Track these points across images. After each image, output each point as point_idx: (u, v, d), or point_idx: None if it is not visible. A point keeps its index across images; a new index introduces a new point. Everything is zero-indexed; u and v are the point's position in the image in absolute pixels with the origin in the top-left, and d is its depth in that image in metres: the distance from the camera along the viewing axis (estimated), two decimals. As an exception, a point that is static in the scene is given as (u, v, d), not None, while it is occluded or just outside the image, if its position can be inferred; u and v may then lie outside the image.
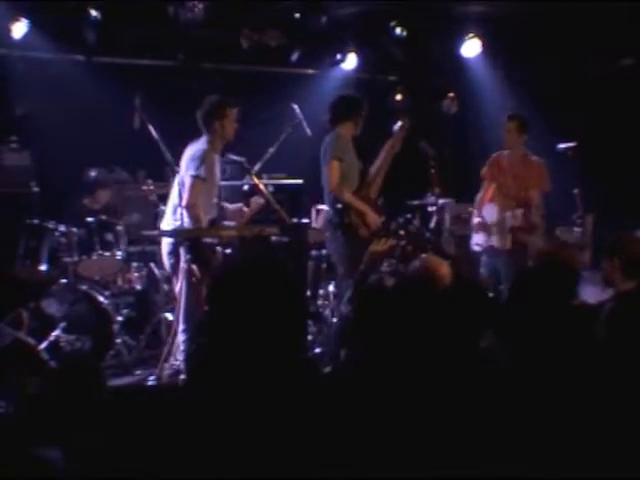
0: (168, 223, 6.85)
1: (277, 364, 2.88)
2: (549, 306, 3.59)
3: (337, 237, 7.25)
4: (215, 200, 7.03)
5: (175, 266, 6.72)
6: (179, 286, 6.66)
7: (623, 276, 4.79)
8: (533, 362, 3.34)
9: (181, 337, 6.67)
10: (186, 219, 6.61)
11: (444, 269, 4.76)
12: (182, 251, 6.55)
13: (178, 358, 6.78)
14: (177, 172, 6.98)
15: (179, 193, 6.66)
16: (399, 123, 7.52)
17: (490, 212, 7.99)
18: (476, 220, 8.06)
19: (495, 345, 3.62)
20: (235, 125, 6.94)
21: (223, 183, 7.71)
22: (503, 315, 3.76)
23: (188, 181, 6.66)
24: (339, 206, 7.20)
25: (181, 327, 6.68)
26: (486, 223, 7.97)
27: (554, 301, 3.62)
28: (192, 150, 6.82)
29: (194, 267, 6.53)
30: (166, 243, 6.82)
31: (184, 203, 6.61)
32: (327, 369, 3.69)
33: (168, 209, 6.92)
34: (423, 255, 5.55)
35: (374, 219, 7.26)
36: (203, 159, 6.69)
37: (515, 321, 3.62)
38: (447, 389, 3.11)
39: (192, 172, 6.67)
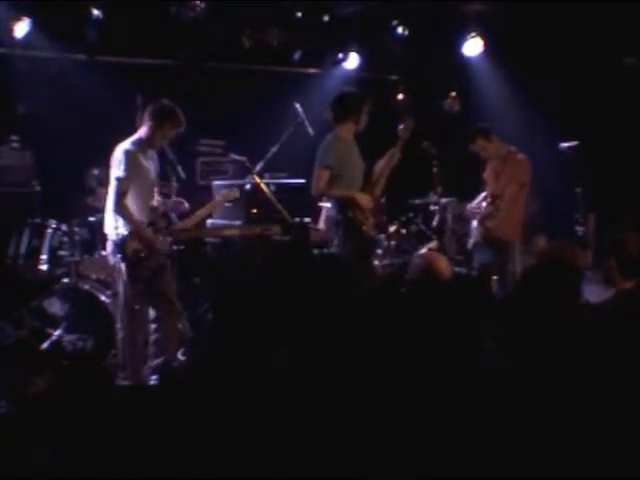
0: (107, 226, 6.76)
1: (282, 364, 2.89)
2: (551, 305, 3.58)
3: (340, 235, 7.22)
4: (153, 200, 6.90)
5: (115, 265, 6.72)
6: (118, 286, 6.70)
7: (621, 275, 4.79)
8: (535, 361, 3.33)
9: (119, 334, 6.70)
10: (120, 222, 6.57)
11: (443, 263, 4.76)
12: (115, 251, 6.57)
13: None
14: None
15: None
16: (403, 125, 7.48)
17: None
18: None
19: (498, 344, 3.62)
20: (165, 141, 6.81)
21: (225, 182, 7.72)
22: (507, 314, 3.76)
23: (112, 185, 6.58)
24: (343, 204, 7.20)
25: (117, 325, 6.73)
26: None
27: (556, 300, 3.62)
28: (117, 152, 6.69)
29: (123, 266, 6.54)
30: (110, 243, 6.77)
31: (112, 208, 6.56)
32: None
33: (107, 212, 6.82)
34: (423, 251, 5.54)
35: (365, 199, 7.20)
36: (125, 160, 6.56)
37: (518, 320, 3.61)
38: (450, 387, 3.11)
39: (115, 174, 6.58)
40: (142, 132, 6.73)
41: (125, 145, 6.67)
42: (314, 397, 2.96)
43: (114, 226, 6.57)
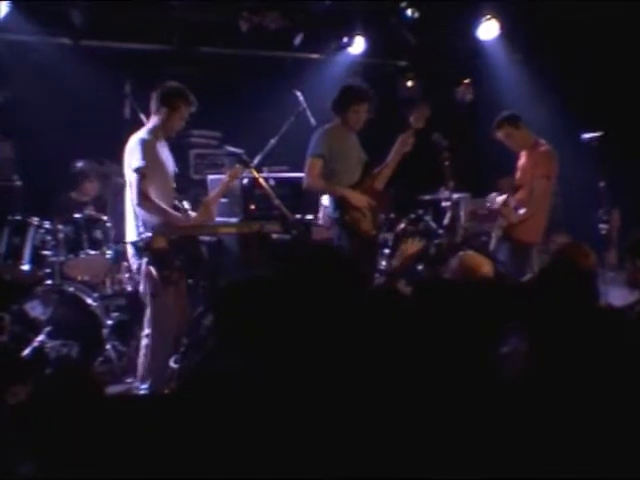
0: (129, 228, 6.74)
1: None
2: (565, 309, 3.58)
3: (337, 233, 7.29)
4: (172, 191, 6.85)
5: (140, 268, 6.69)
6: (142, 289, 6.68)
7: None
8: (552, 369, 3.33)
9: (144, 341, 6.68)
10: (146, 218, 6.55)
11: (486, 268, 4.71)
12: (139, 254, 6.54)
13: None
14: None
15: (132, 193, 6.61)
16: (416, 113, 7.46)
17: None
18: None
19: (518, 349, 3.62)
20: (182, 123, 6.80)
21: (220, 177, 7.69)
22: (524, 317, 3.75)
23: (133, 178, 6.52)
24: (337, 201, 7.25)
25: (145, 332, 6.70)
26: None
27: (569, 303, 3.61)
28: (131, 142, 6.64)
29: (152, 270, 6.52)
30: (131, 245, 6.75)
31: (136, 201, 6.49)
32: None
33: (127, 210, 6.79)
34: (461, 253, 5.47)
35: (357, 198, 7.25)
36: (142, 150, 6.51)
37: (534, 324, 3.61)
38: (458, 396, 3.13)
39: (134, 166, 6.51)
40: (155, 120, 6.71)
41: (140, 134, 6.64)
42: (320, 402, 2.98)
43: (135, 226, 6.55)
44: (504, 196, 7.87)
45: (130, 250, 6.72)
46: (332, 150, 7.26)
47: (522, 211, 7.70)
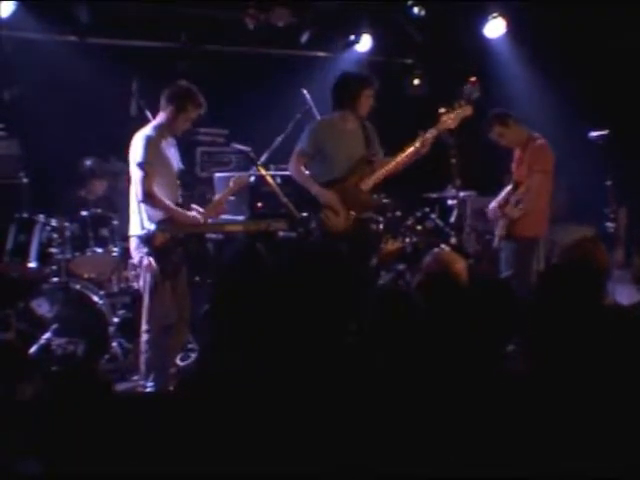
0: (132, 224, 6.73)
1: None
2: (574, 306, 3.56)
3: (314, 226, 7.32)
4: (177, 190, 6.83)
5: (142, 261, 6.67)
6: (141, 282, 6.66)
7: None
8: (557, 368, 3.33)
9: (143, 337, 6.66)
10: (150, 213, 6.54)
11: (460, 264, 4.73)
12: (141, 246, 6.53)
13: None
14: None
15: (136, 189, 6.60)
16: (456, 110, 7.44)
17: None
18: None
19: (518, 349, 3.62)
20: (188, 124, 6.80)
21: (227, 174, 7.71)
22: (526, 317, 3.74)
23: (137, 174, 6.51)
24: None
25: (143, 327, 6.67)
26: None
27: (579, 301, 3.59)
28: (136, 138, 6.64)
29: (152, 262, 6.51)
30: (134, 239, 6.74)
31: (141, 198, 6.49)
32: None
33: (132, 204, 6.79)
34: (436, 249, 5.50)
35: (325, 198, 7.25)
36: (146, 146, 6.52)
37: (538, 323, 3.59)
38: (463, 394, 3.12)
39: (138, 161, 6.50)
40: (162, 118, 6.70)
41: (145, 131, 6.64)
42: (321, 401, 2.97)
43: (139, 220, 6.54)
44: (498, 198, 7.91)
45: (133, 243, 6.71)
46: (316, 145, 7.28)
47: (521, 206, 7.69)
